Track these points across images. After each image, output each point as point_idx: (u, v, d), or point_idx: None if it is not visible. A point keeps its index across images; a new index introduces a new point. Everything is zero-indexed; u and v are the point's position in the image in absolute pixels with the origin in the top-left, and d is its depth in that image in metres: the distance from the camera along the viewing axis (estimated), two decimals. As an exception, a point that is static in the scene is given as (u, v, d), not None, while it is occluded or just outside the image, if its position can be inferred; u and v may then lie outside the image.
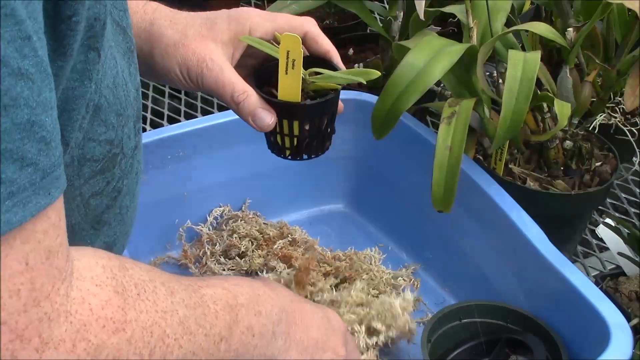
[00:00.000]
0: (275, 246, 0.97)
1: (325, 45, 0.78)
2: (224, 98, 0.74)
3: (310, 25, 0.77)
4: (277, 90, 0.74)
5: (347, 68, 1.26)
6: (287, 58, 0.71)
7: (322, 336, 0.73)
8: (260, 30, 0.76)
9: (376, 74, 0.75)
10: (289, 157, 0.78)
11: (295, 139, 0.76)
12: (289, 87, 0.73)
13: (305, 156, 0.78)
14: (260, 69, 0.78)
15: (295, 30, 0.75)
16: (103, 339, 0.49)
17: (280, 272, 0.94)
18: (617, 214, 1.17)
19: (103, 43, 0.52)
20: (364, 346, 0.86)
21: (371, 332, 0.87)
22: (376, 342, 0.86)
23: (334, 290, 0.93)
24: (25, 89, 0.42)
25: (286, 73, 0.72)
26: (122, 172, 0.61)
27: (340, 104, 0.79)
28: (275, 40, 0.76)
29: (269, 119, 0.73)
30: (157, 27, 0.75)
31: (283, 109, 0.74)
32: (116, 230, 0.65)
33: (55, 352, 0.46)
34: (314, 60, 0.76)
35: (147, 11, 0.76)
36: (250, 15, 0.76)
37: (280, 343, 0.67)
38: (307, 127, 0.75)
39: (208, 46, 0.74)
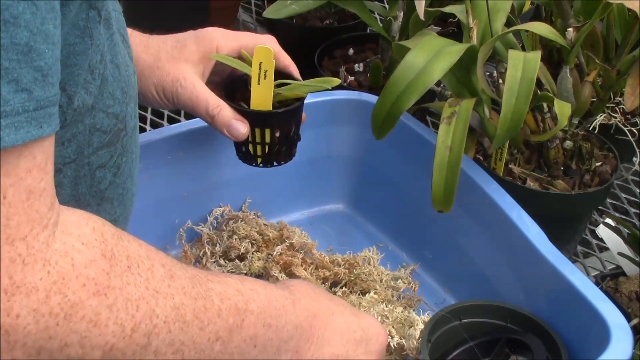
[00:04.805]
0: (275, 252, 0.97)
1: (285, 60, 0.85)
2: (199, 112, 0.81)
3: (272, 43, 0.84)
4: (245, 103, 0.82)
5: (347, 68, 1.27)
6: (260, 69, 0.79)
7: (347, 351, 0.71)
8: (226, 49, 0.83)
9: (336, 81, 0.83)
10: (260, 165, 0.86)
11: (267, 147, 0.83)
12: (261, 96, 0.81)
13: (275, 163, 0.86)
14: (226, 84, 0.85)
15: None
16: (81, 297, 0.46)
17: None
18: (617, 214, 1.17)
19: (104, 5, 0.55)
20: None
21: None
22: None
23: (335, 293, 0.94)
24: (27, 11, 0.42)
25: (258, 83, 0.80)
26: (122, 149, 0.63)
27: (304, 114, 0.86)
28: (240, 58, 0.83)
29: (242, 128, 0.81)
30: (133, 52, 0.80)
31: (256, 118, 0.82)
32: (117, 210, 0.64)
33: (25, 298, 0.44)
34: (276, 74, 0.82)
35: None
36: (216, 36, 0.84)
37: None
38: (277, 135, 0.83)
39: (180, 67, 0.81)
